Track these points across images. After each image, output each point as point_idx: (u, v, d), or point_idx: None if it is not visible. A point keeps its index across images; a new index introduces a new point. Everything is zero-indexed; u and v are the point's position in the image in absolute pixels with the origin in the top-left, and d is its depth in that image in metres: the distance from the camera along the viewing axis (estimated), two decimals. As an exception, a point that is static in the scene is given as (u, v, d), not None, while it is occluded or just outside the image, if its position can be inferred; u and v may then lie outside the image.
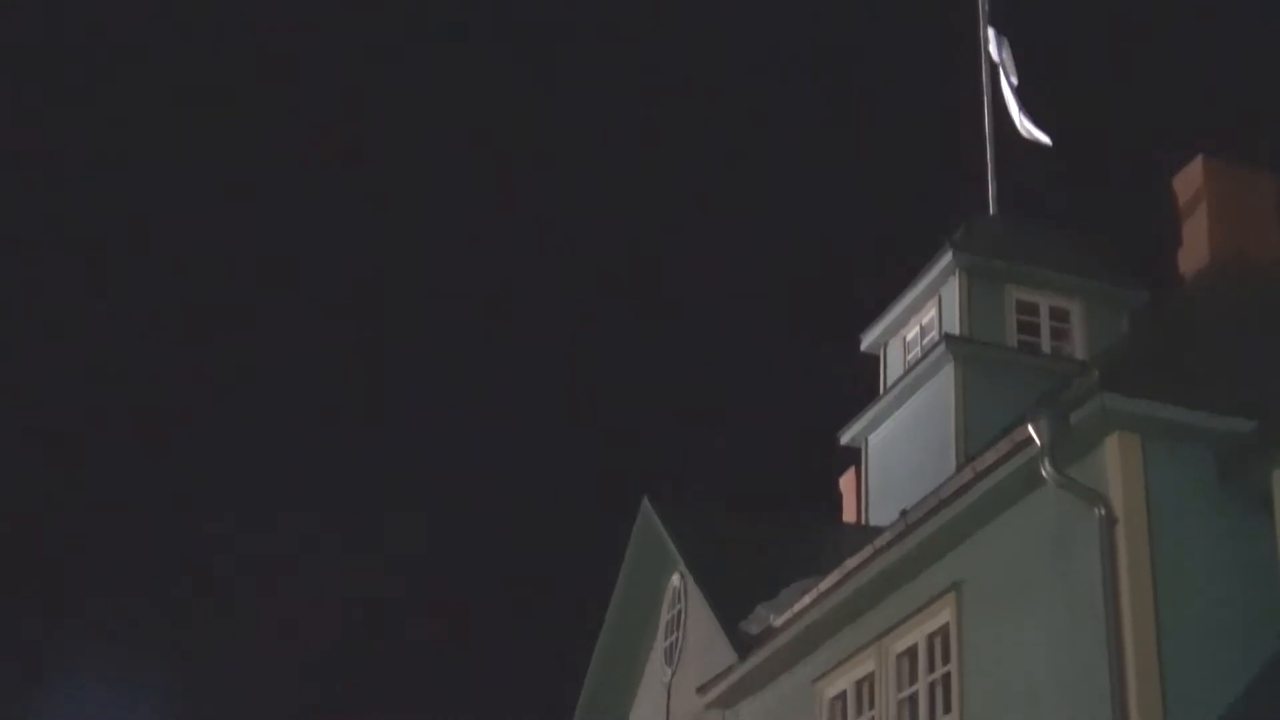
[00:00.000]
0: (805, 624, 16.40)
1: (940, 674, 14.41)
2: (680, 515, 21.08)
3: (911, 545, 14.57)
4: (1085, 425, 12.45)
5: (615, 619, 22.20)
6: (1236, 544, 12.35)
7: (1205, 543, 12.35)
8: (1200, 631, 12.01)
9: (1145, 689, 11.68)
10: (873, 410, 21.81)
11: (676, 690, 20.35)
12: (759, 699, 17.86)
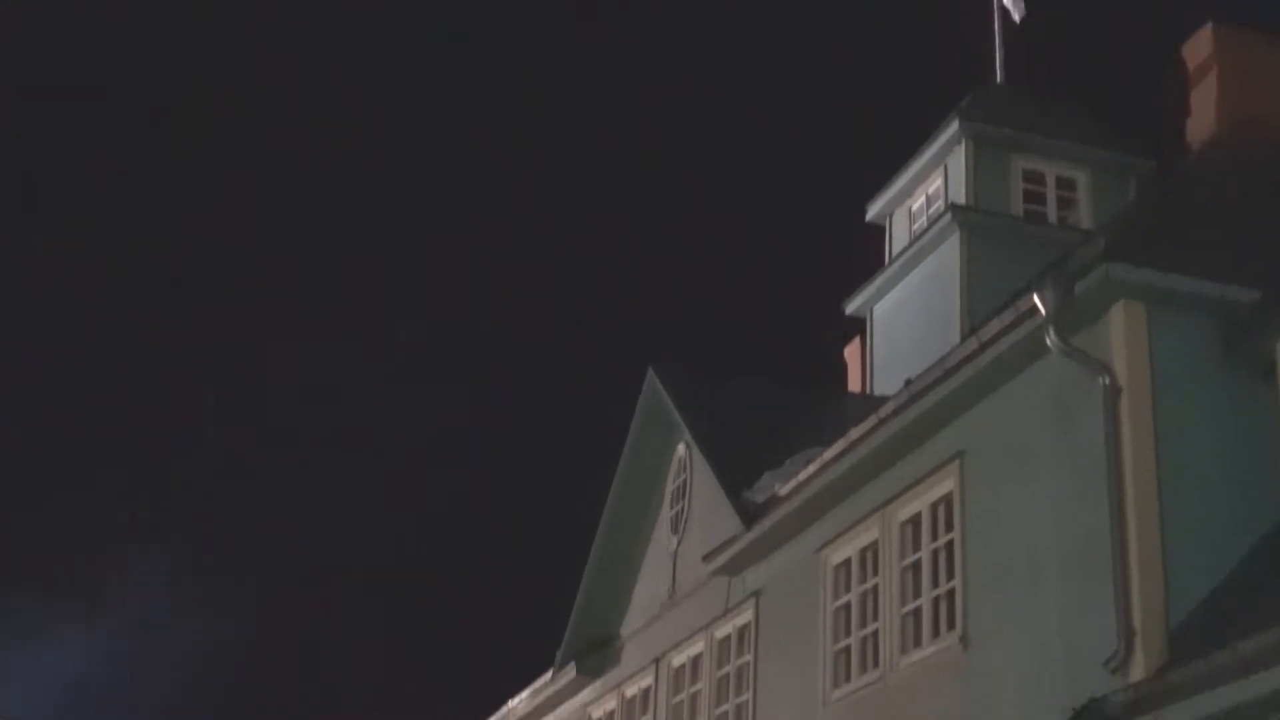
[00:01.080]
0: (810, 492, 16.55)
1: (943, 542, 14.57)
2: (685, 385, 21.18)
3: (915, 415, 14.66)
4: (1090, 295, 12.47)
5: (621, 489, 22.38)
6: (1239, 413, 12.42)
7: (1208, 412, 12.42)
8: (1202, 500, 12.12)
9: (1146, 556, 11.82)
10: (878, 280, 21.81)
11: (682, 559, 20.57)
12: (764, 567, 18.07)
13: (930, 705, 14.18)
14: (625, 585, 22.51)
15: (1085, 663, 11.98)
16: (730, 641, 18.87)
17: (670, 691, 20.32)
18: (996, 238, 19.73)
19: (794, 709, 16.73)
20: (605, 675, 22.70)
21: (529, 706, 25.19)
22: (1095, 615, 12.01)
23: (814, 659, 16.43)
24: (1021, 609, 13.08)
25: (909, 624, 14.95)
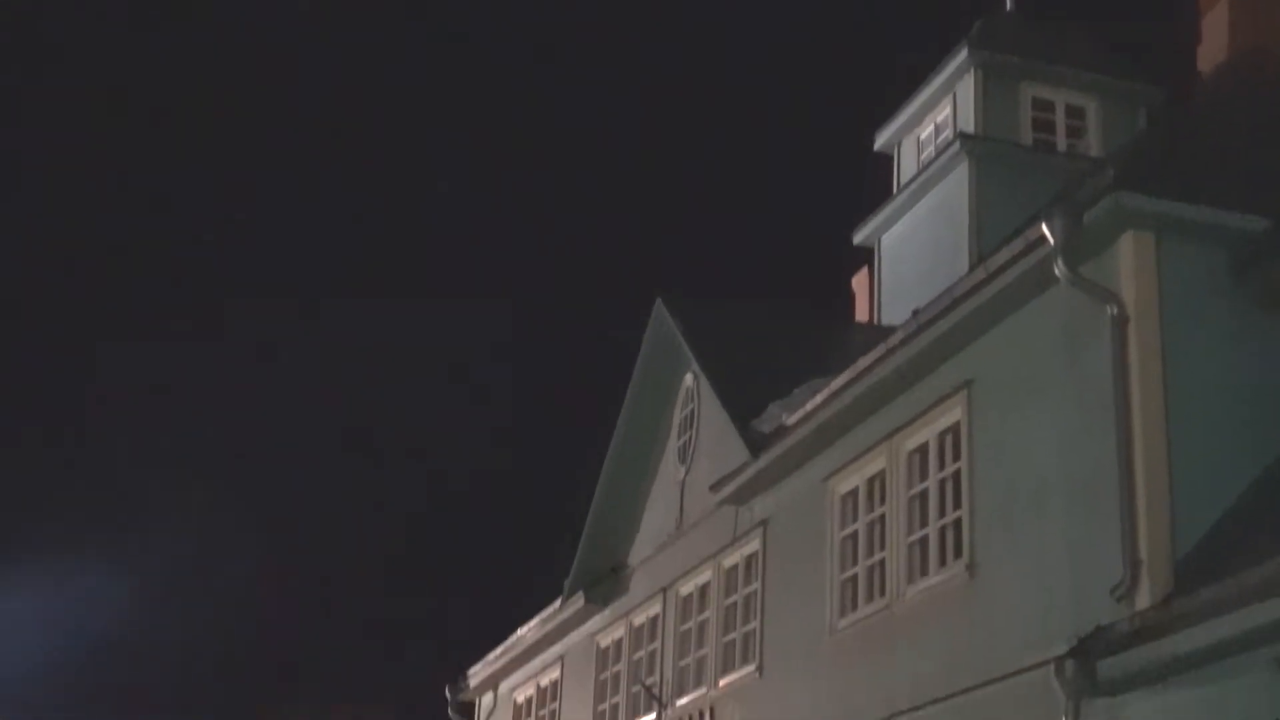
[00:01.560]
0: (817, 422, 16.57)
1: (950, 471, 14.60)
2: (693, 315, 21.17)
3: (923, 344, 14.66)
4: (1099, 224, 12.42)
5: (629, 419, 22.43)
6: (1248, 343, 12.40)
7: (1217, 341, 12.40)
8: (1209, 429, 12.12)
9: (1153, 485, 11.84)
10: (886, 210, 21.75)
11: (689, 488, 20.64)
12: (771, 496, 18.13)
13: (936, 633, 14.26)
14: (633, 515, 22.60)
15: (1091, 591, 12.03)
16: (738, 570, 18.97)
17: (678, 620, 20.44)
18: (1005, 167, 19.67)
19: (801, 637, 16.84)
20: (613, 604, 22.83)
21: (538, 635, 25.36)
22: (1101, 544, 12.05)
23: (821, 587, 16.51)
24: (1028, 538, 13.13)
25: (916, 553, 15.01)
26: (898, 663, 14.78)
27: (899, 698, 14.53)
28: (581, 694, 23.66)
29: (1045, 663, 12.03)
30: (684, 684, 19.92)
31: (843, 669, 15.83)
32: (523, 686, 26.90)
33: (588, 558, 23.33)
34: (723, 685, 18.68)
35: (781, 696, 17.10)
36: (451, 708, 29.38)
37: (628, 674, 21.88)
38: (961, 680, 13.56)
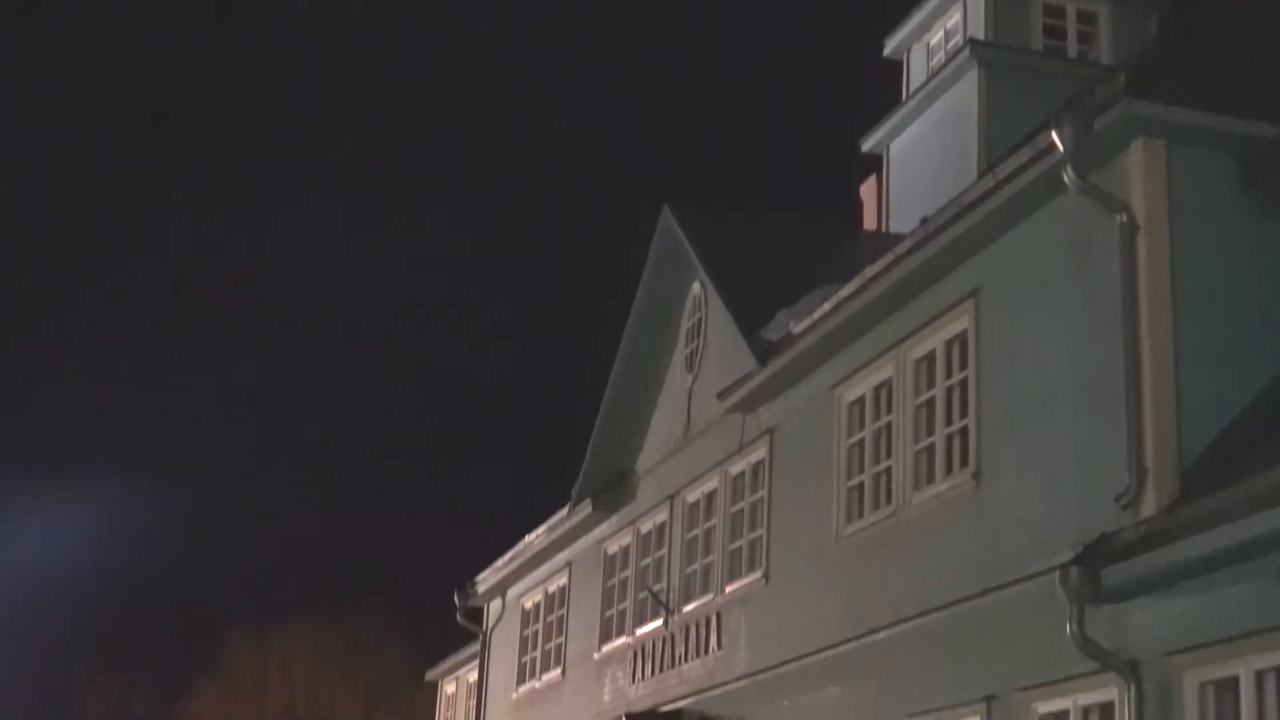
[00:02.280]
0: (825, 330, 16.57)
1: (957, 379, 14.61)
2: (701, 223, 21.12)
3: (931, 252, 14.61)
4: (1109, 131, 12.34)
5: (636, 328, 22.44)
6: (1257, 250, 12.35)
7: (1226, 249, 12.35)
8: (1217, 337, 12.10)
9: (1160, 393, 11.84)
10: (895, 117, 21.62)
11: (697, 396, 20.68)
12: (778, 404, 18.16)
13: (942, 541, 14.33)
14: (640, 423, 22.67)
15: (1097, 499, 12.08)
16: (744, 478, 19.04)
17: (685, 527, 20.56)
18: (1015, 73, 19.53)
19: (807, 544, 16.93)
20: (621, 511, 22.96)
21: (545, 541, 25.52)
22: (1107, 452, 12.08)
23: (827, 495, 16.58)
24: (1034, 446, 13.16)
25: (922, 461, 15.05)
26: (903, 570, 14.87)
27: (904, 604, 14.62)
28: (589, 600, 23.84)
29: (1050, 570, 12.08)
30: (690, 590, 20.06)
31: (848, 576, 15.93)
32: (530, 593, 27.11)
33: (595, 465, 23.43)
34: (729, 592, 18.81)
35: (787, 603, 17.22)
36: (460, 614, 29.64)
37: (635, 580, 22.04)
38: (966, 587, 13.64)
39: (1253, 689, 10.54)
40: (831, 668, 15.93)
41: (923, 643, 14.35)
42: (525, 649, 26.98)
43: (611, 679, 22.31)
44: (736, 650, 18.33)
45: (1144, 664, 11.38)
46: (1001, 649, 13.16)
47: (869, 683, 15.23)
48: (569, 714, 23.74)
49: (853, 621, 15.49)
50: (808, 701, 16.38)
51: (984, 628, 13.43)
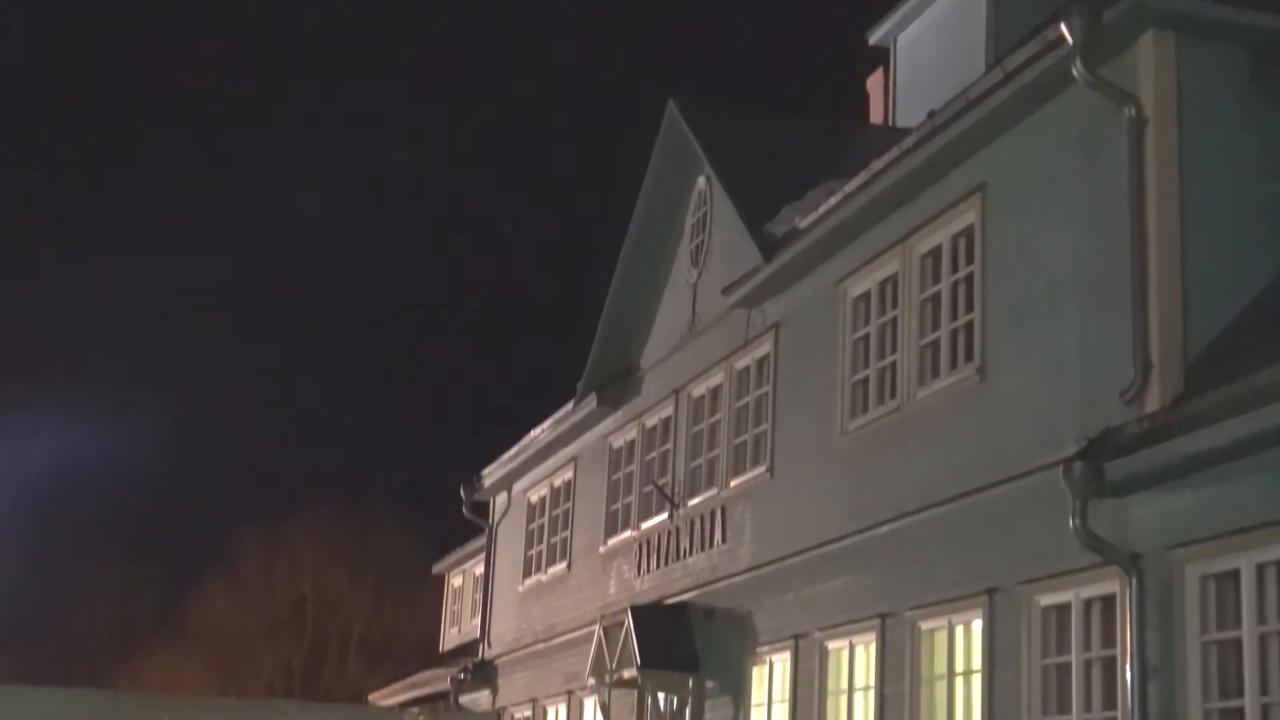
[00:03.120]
0: (830, 225, 16.52)
1: (963, 274, 14.58)
2: (706, 117, 20.99)
3: (938, 146, 14.53)
4: (1118, 23, 12.21)
5: (641, 222, 22.38)
6: (1266, 144, 12.26)
7: (1234, 143, 12.26)
8: (1225, 230, 12.05)
9: (1166, 287, 11.82)
10: (902, 9, 21.39)
11: (702, 291, 20.67)
12: (783, 299, 18.15)
13: (946, 435, 14.37)
14: (645, 317, 22.68)
15: (1101, 394, 12.09)
16: (749, 373, 19.08)
17: (690, 422, 20.63)
18: (1024, -36, 19.26)
19: (811, 439, 16.99)
20: (626, 406, 23.03)
21: (551, 436, 25.62)
22: (1113, 347, 12.08)
23: (832, 390, 16.61)
24: (1039, 341, 13.16)
25: (927, 356, 15.06)
26: (907, 464, 14.93)
27: (908, 499, 14.70)
28: (594, 494, 23.99)
29: (1054, 464, 12.14)
30: (695, 485, 20.17)
31: (853, 470, 16.00)
32: (536, 487, 27.27)
33: (600, 360, 23.47)
34: (734, 486, 18.91)
35: (791, 497, 17.32)
36: (466, 508, 29.84)
37: (640, 475, 22.15)
38: (970, 482, 13.71)
39: (1254, 582, 10.62)
40: (835, 561, 16.05)
41: (926, 536, 14.45)
42: (531, 542, 27.18)
43: (617, 572, 22.49)
44: (741, 544, 18.46)
45: (1146, 557, 11.46)
46: (1004, 542, 13.25)
47: (872, 576, 15.35)
48: (574, 606, 23.96)
49: (856, 515, 15.59)
50: (811, 594, 16.52)
51: (987, 521, 13.51)
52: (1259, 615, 10.57)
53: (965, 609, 13.78)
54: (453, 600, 36.60)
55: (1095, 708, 12.02)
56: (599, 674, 20.54)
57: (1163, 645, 11.20)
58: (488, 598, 29.35)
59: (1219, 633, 10.90)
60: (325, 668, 54.84)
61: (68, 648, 57.76)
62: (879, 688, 14.97)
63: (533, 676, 25.78)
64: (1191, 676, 10.95)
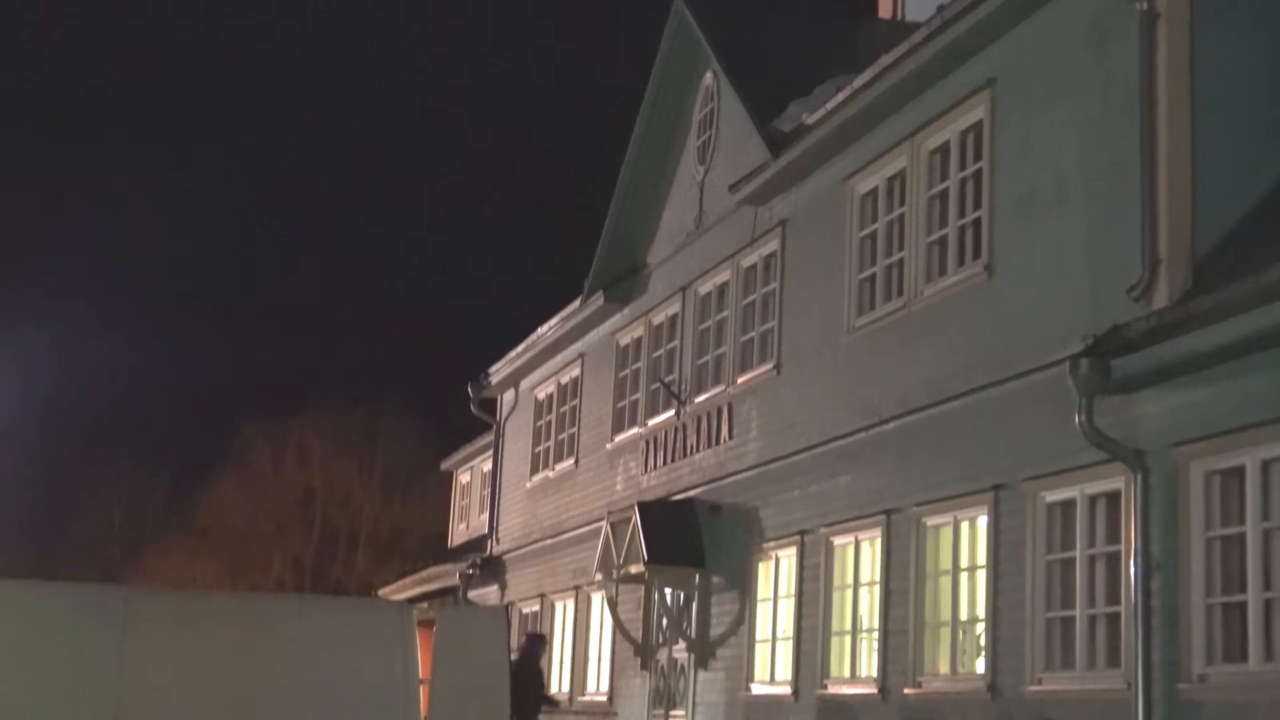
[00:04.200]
0: (838, 121, 16.42)
1: (971, 170, 14.51)
2: (714, 12, 20.80)
3: (947, 41, 14.40)
4: (1131, -84, 12.07)
5: (648, 118, 22.25)
6: (1277, 42, 12.16)
7: (1246, 39, 12.15)
8: (1234, 129, 11.98)
9: (1175, 184, 11.76)
10: (912, -98, 21.13)
11: (709, 188, 20.59)
12: (791, 196, 18.08)
13: (953, 332, 14.37)
14: (652, 215, 22.62)
15: (1108, 291, 12.08)
16: (756, 270, 19.05)
17: (697, 319, 20.63)
18: None
19: (818, 336, 17.00)
20: (633, 303, 23.03)
21: (558, 333, 25.65)
22: (1120, 243, 12.05)
23: (839, 287, 16.59)
24: (1047, 238, 13.12)
25: (934, 252, 15.03)
26: (914, 361, 14.95)
27: (914, 395, 14.73)
28: (601, 391, 24.05)
29: (1060, 361, 12.15)
30: (702, 382, 20.22)
31: (859, 367, 16.02)
32: (544, 384, 27.34)
33: (607, 257, 23.44)
34: (740, 383, 18.95)
35: (798, 394, 17.36)
36: (474, 405, 29.93)
37: (647, 372, 22.20)
38: (977, 379, 13.73)
39: (1258, 478, 10.67)
40: (841, 457, 16.12)
41: (932, 433, 14.49)
42: (539, 439, 27.29)
43: (624, 468, 22.60)
44: (748, 440, 18.53)
45: (1151, 454, 11.50)
46: (1010, 439, 13.29)
47: (878, 472, 15.42)
48: (582, 503, 24.10)
49: (863, 412, 15.63)
50: (817, 491, 16.61)
51: (993, 418, 13.55)
52: (1263, 511, 10.63)
53: (970, 505, 13.85)
54: (461, 496, 36.82)
55: (1099, 602, 12.12)
56: (606, 569, 20.70)
57: (1166, 541, 11.28)
58: (495, 494, 29.52)
59: (1222, 529, 10.97)
60: (334, 563, 55.31)
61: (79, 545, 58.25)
62: (884, 583, 15.09)
63: (540, 572, 25.99)
64: (1195, 572, 11.03)
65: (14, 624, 17.66)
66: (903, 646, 14.58)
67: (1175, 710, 11.02)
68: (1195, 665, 10.93)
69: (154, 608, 18.60)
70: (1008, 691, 12.92)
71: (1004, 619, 13.11)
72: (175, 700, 17.67)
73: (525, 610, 26.41)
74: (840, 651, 16.12)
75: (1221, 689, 10.76)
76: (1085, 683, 12.11)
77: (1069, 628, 12.43)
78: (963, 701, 13.63)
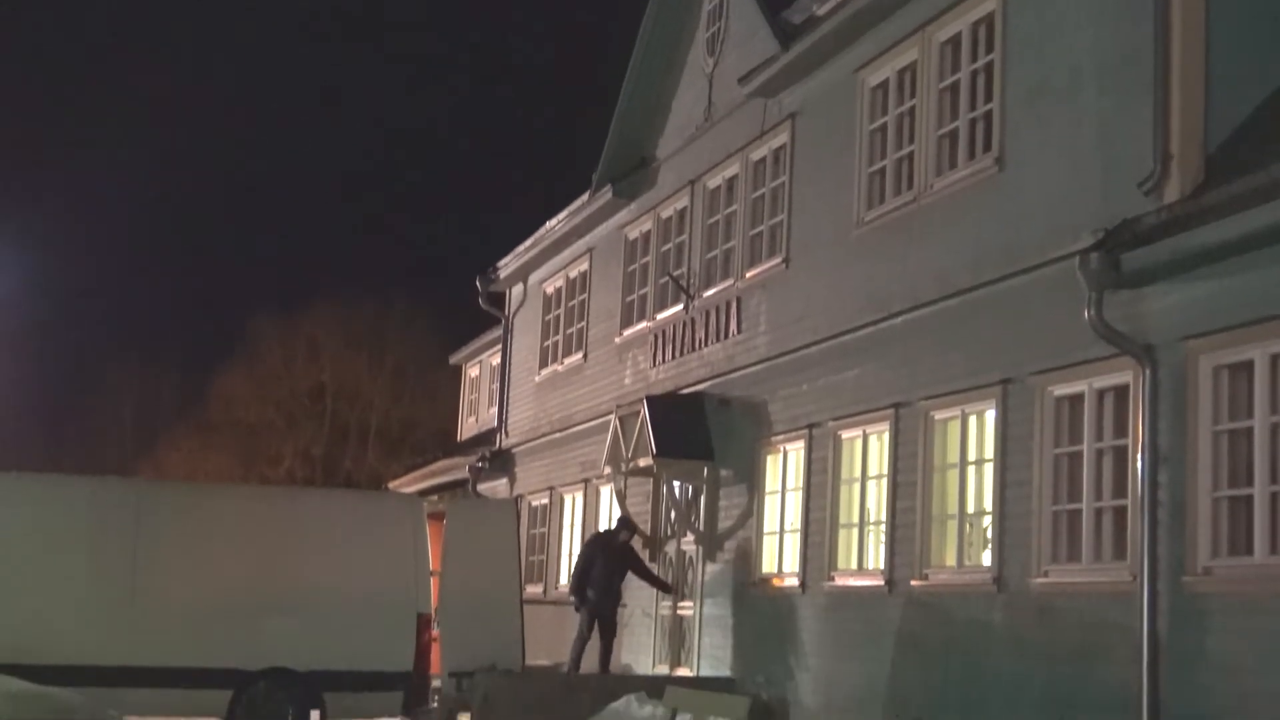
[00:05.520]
0: (849, 12, 16.25)
1: (983, 62, 14.39)
2: (723, -99, 20.54)
3: (960, -69, 14.23)
4: None
5: (657, 9, 22.05)
6: (1295, -72, 12.00)
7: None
8: (1249, 19, 11.86)
9: (1189, 75, 11.66)
10: None
11: (719, 80, 20.44)
12: (801, 88, 17.95)
13: (963, 225, 14.32)
14: (661, 108, 22.47)
15: (1120, 184, 12.02)
16: (765, 163, 18.96)
17: (705, 212, 20.57)
18: None
19: (827, 230, 16.95)
20: (641, 197, 22.95)
21: (567, 227, 25.58)
22: (1132, 137, 11.97)
23: (849, 180, 16.51)
24: (1058, 131, 13.03)
25: (945, 146, 14.94)
26: (923, 255, 14.91)
27: (924, 289, 14.71)
28: (610, 285, 24.03)
29: (1070, 255, 12.12)
30: (711, 276, 20.19)
31: (868, 261, 15.99)
32: (552, 278, 27.31)
33: (616, 151, 23.32)
34: (749, 277, 18.92)
35: (807, 288, 17.34)
36: (482, 299, 29.92)
37: (655, 266, 22.17)
38: (987, 272, 13.70)
39: (1267, 372, 10.67)
40: (850, 351, 16.13)
41: (941, 327, 14.49)
42: (547, 333, 27.32)
43: (632, 362, 22.64)
44: (756, 334, 18.54)
45: (1160, 348, 11.50)
46: (1019, 333, 13.29)
47: (886, 366, 15.43)
48: (591, 397, 24.17)
49: (872, 306, 15.62)
50: (826, 384, 16.64)
51: (1002, 312, 13.53)
52: (1271, 405, 10.64)
53: (979, 399, 13.88)
54: (470, 390, 36.92)
55: (1105, 496, 12.18)
56: (615, 462, 20.79)
57: (1174, 435, 11.30)
58: (505, 388, 29.60)
59: (1230, 423, 10.99)
60: (344, 456, 55.55)
61: (91, 438, 58.59)
62: (891, 476, 15.16)
63: (549, 465, 26.12)
64: (1202, 465, 11.07)
65: (35, 513, 17.89)
66: (910, 539, 14.67)
67: (1180, 602, 11.11)
68: (1201, 558, 11.00)
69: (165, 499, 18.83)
70: (1014, 584, 13.02)
71: (1011, 512, 13.18)
72: (186, 585, 17.92)
73: (535, 503, 26.58)
74: (847, 544, 16.23)
75: (1226, 581, 10.83)
76: (1091, 575, 12.20)
77: (1075, 521, 12.49)
78: (969, 594, 13.74)
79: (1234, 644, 10.60)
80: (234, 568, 18.24)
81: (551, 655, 21.22)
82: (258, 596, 18.24)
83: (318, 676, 18.17)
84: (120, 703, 14.80)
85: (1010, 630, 13.03)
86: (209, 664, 17.81)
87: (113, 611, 17.67)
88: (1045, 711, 12.35)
